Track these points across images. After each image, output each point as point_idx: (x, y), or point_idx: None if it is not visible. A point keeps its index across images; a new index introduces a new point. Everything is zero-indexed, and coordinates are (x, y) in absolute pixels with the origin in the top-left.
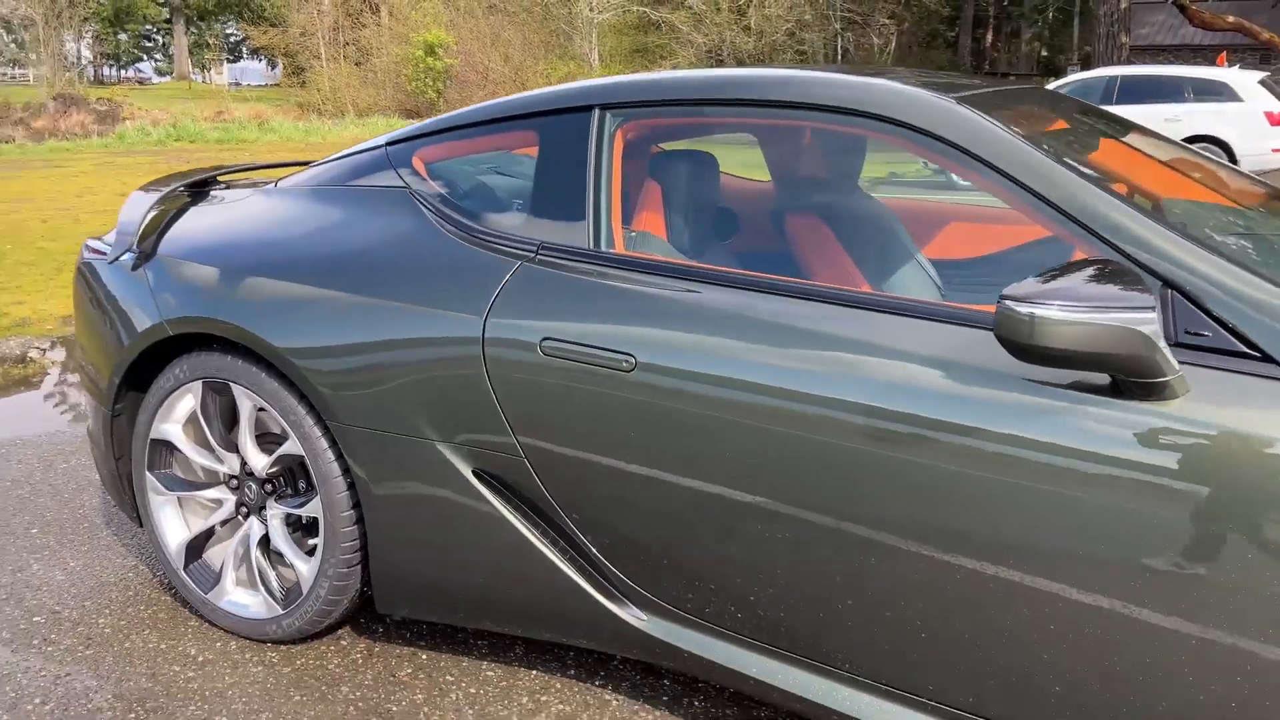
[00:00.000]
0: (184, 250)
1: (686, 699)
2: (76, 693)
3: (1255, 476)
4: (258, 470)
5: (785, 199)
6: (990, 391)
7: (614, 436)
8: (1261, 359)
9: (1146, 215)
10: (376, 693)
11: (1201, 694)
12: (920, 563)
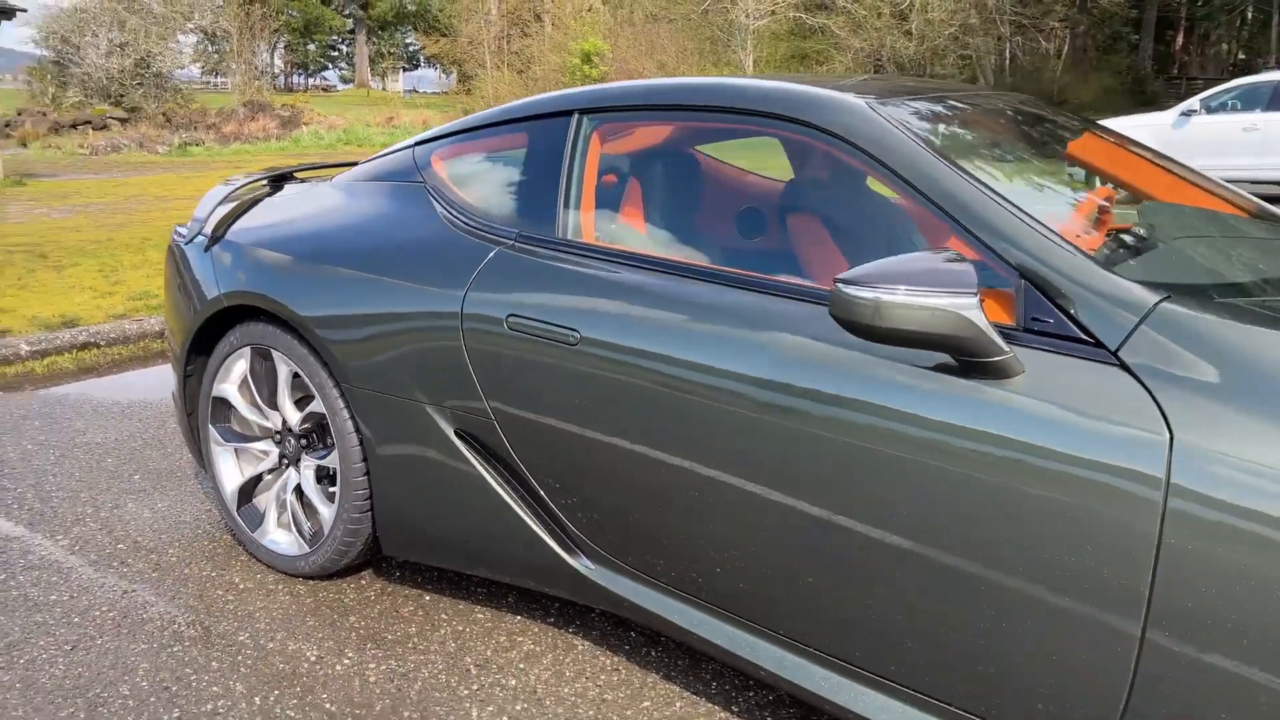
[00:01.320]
0: (242, 234)
1: (646, 649)
2: (136, 604)
3: (1078, 451)
4: (293, 425)
5: (739, 194)
6: (858, 365)
7: (563, 403)
8: (1095, 344)
9: (1010, 213)
10: (378, 623)
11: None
12: (803, 520)
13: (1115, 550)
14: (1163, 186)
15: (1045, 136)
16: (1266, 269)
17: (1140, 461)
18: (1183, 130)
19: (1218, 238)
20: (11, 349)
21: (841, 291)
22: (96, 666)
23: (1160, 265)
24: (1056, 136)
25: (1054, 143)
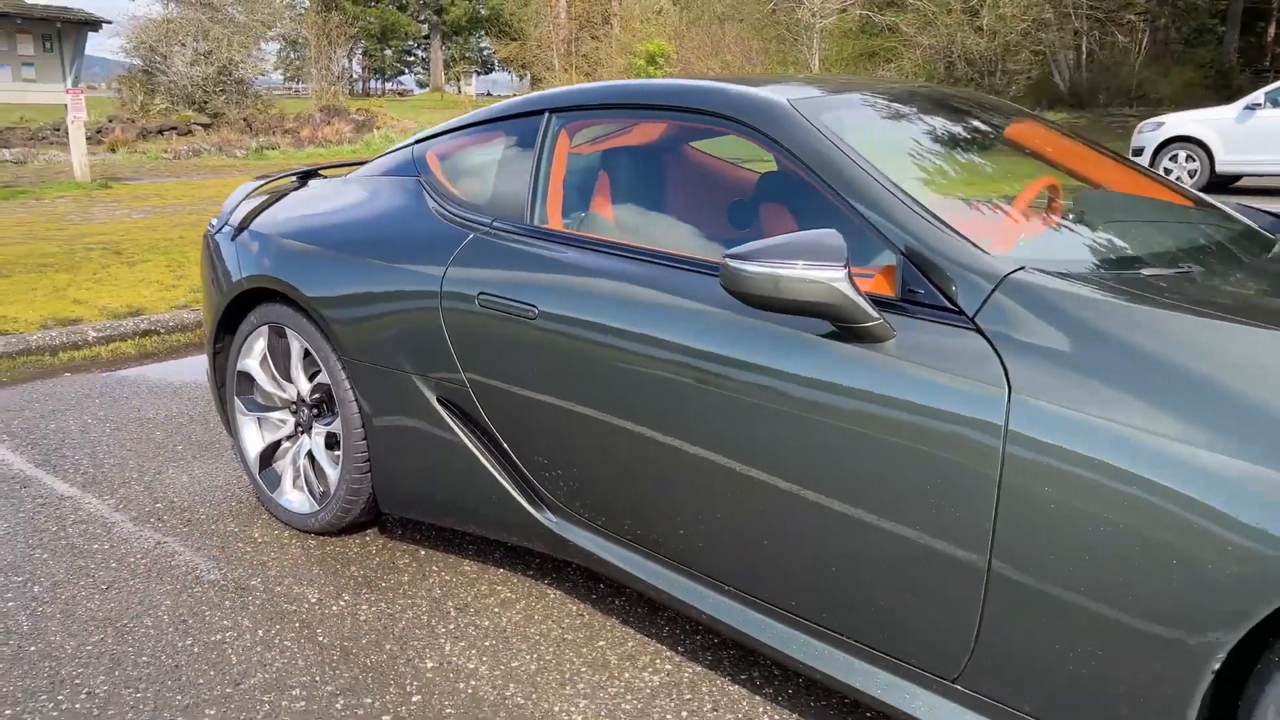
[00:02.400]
0: (264, 225)
1: (610, 599)
2: (166, 554)
3: (937, 408)
4: (305, 396)
5: (686, 183)
6: (760, 332)
7: (525, 371)
8: (957, 311)
9: (896, 197)
10: (375, 572)
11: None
12: (714, 470)
13: (966, 491)
14: (1102, 174)
15: (980, 127)
16: (1152, 248)
17: (983, 412)
18: (1246, 124)
19: (1130, 221)
20: (80, 335)
21: (729, 265)
22: (126, 603)
23: (1049, 244)
24: (995, 126)
25: (991, 133)
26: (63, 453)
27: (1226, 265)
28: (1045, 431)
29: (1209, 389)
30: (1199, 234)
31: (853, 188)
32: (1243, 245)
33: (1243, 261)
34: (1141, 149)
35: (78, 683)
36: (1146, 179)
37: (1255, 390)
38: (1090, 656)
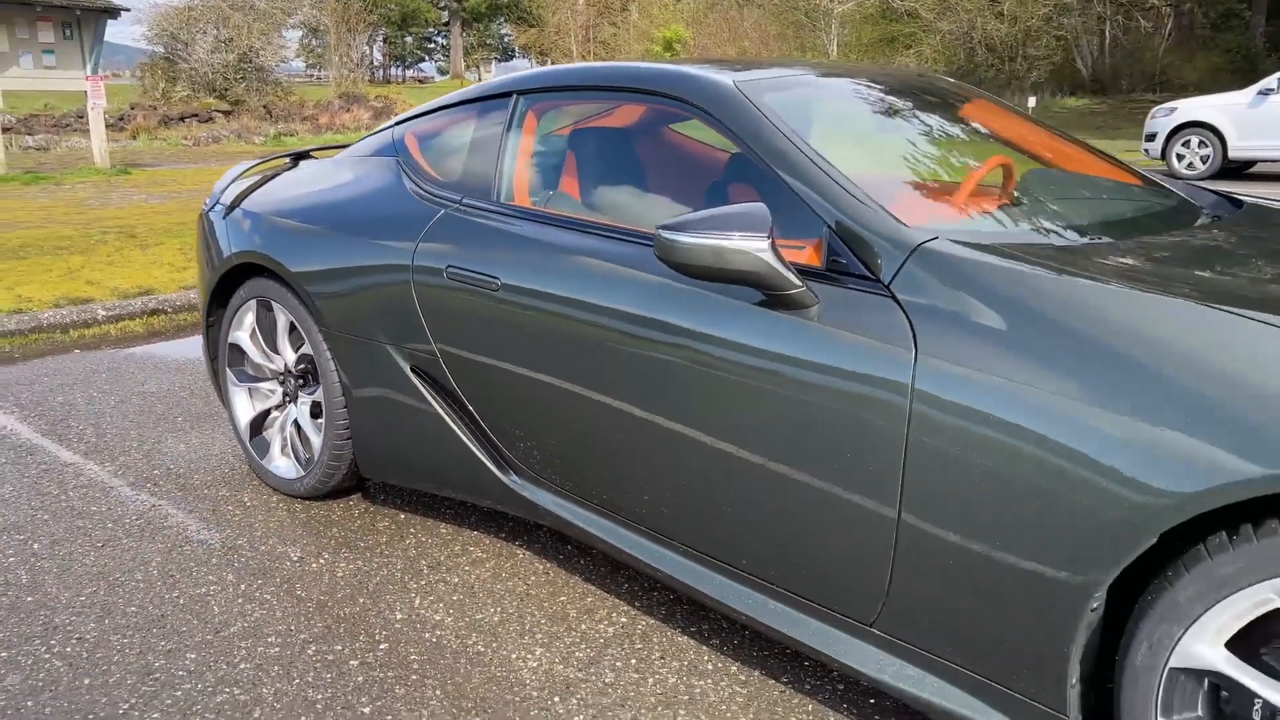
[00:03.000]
0: (254, 203)
1: (576, 559)
2: (159, 516)
3: (853, 370)
4: (291, 367)
5: (647, 163)
6: (696, 299)
7: (489, 341)
8: (875, 279)
9: (825, 173)
10: (355, 534)
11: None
12: (660, 432)
13: (877, 448)
14: (1050, 152)
15: (930, 108)
16: (1074, 221)
17: (893, 373)
18: (1259, 110)
19: (1061, 197)
20: (90, 314)
21: (661, 236)
22: (119, 559)
23: (975, 217)
24: (946, 107)
25: (941, 113)
26: (68, 423)
27: (1142, 237)
28: (947, 390)
29: (1095, 349)
30: (1128, 209)
31: (787, 165)
32: (1168, 220)
33: (1161, 234)
34: (1154, 135)
35: (69, 629)
36: (1093, 157)
37: (1135, 350)
38: (988, 600)
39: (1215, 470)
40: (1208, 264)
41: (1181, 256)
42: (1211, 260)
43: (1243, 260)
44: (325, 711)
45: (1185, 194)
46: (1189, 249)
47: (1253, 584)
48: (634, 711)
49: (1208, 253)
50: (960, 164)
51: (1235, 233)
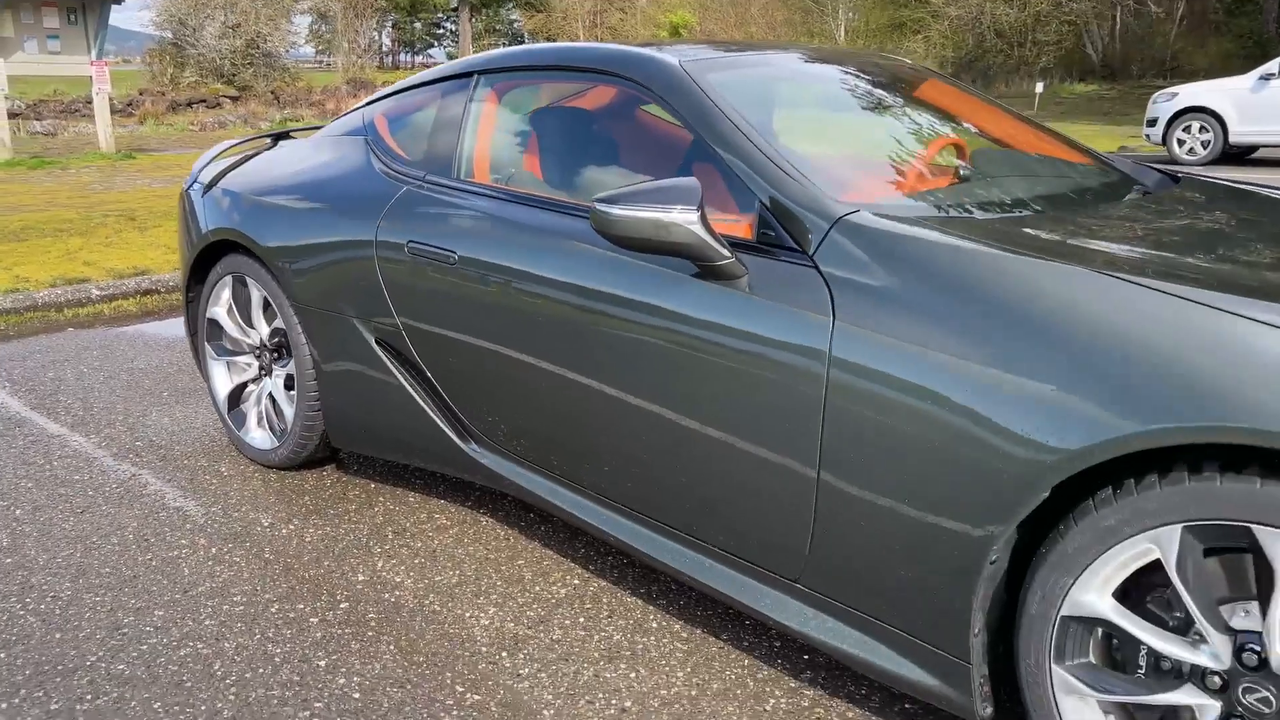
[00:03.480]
0: (231, 182)
1: (537, 525)
2: (139, 484)
3: (776, 338)
4: (265, 341)
5: (595, 137)
6: (635, 270)
7: (447, 313)
8: (800, 251)
9: (759, 151)
10: (325, 502)
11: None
12: (604, 399)
13: (798, 411)
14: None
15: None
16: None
17: (812, 340)
18: (1260, 94)
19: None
20: (85, 293)
21: (596, 210)
22: (97, 524)
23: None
24: (899, 88)
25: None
26: (57, 397)
27: (1066, 211)
28: (860, 356)
29: (995, 316)
30: (1063, 185)
31: (724, 142)
32: (1098, 195)
33: (1085, 208)
34: (1155, 120)
35: (45, 588)
36: (1045, 137)
37: (1032, 315)
38: (898, 555)
39: (1099, 427)
40: (1115, 235)
41: (1095, 228)
42: (1120, 231)
43: (1148, 230)
44: (282, 664)
45: (1130, 172)
46: (1105, 221)
47: (1134, 535)
48: (577, 665)
49: (1120, 224)
50: (906, 143)
51: (1155, 206)
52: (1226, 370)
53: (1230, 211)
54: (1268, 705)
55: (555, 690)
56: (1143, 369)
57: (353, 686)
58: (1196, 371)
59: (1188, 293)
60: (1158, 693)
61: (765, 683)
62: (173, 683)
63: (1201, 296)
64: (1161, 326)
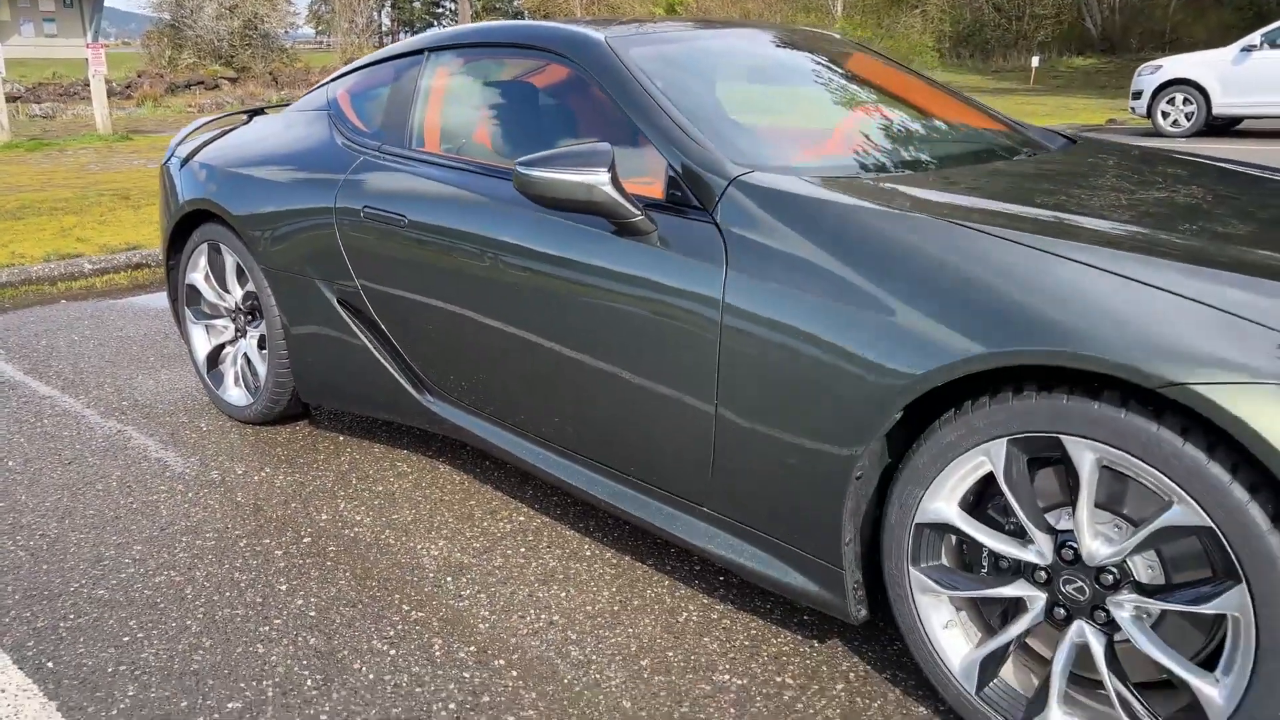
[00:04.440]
0: (206, 155)
1: (493, 471)
2: (123, 439)
3: (679, 286)
4: (239, 303)
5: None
6: (559, 228)
7: (399, 273)
8: (701, 208)
9: (669, 118)
10: (296, 452)
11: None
12: (537, 348)
13: (698, 351)
14: (915, 98)
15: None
16: (896, 158)
17: (708, 288)
18: (1242, 66)
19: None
20: (78, 267)
21: (518, 172)
22: (83, 474)
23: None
24: (825, 60)
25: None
26: (49, 363)
27: (952, 170)
28: (748, 300)
29: (859, 260)
30: (961, 147)
31: (640, 111)
32: (991, 155)
33: (971, 167)
34: (1140, 92)
35: (34, 528)
36: (963, 105)
37: (890, 258)
38: (782, 476)
39: (938, 354)
40: (978, 189)
41: (965, 185)
42: (985, 186)
43: (1010, 184)
44: (247, 589)
45: (1037, 136)
46: (978, 178)
47: (969, 450)
48: (514, 587)
49: (989, 180)
50: (814, 110)
51: (1032, 164)
52: (1042, 303)
53: (1100, 166)
54: (1081, 594)
55: (492, 608)
56: (974, 304)
57: (310, 606)
58: (1018, 305)
59: (1017, 237)
60: (996, 587)
61: (681, 599)
62: (147, 604)
63: (1028, 240)
64: (991, 267)
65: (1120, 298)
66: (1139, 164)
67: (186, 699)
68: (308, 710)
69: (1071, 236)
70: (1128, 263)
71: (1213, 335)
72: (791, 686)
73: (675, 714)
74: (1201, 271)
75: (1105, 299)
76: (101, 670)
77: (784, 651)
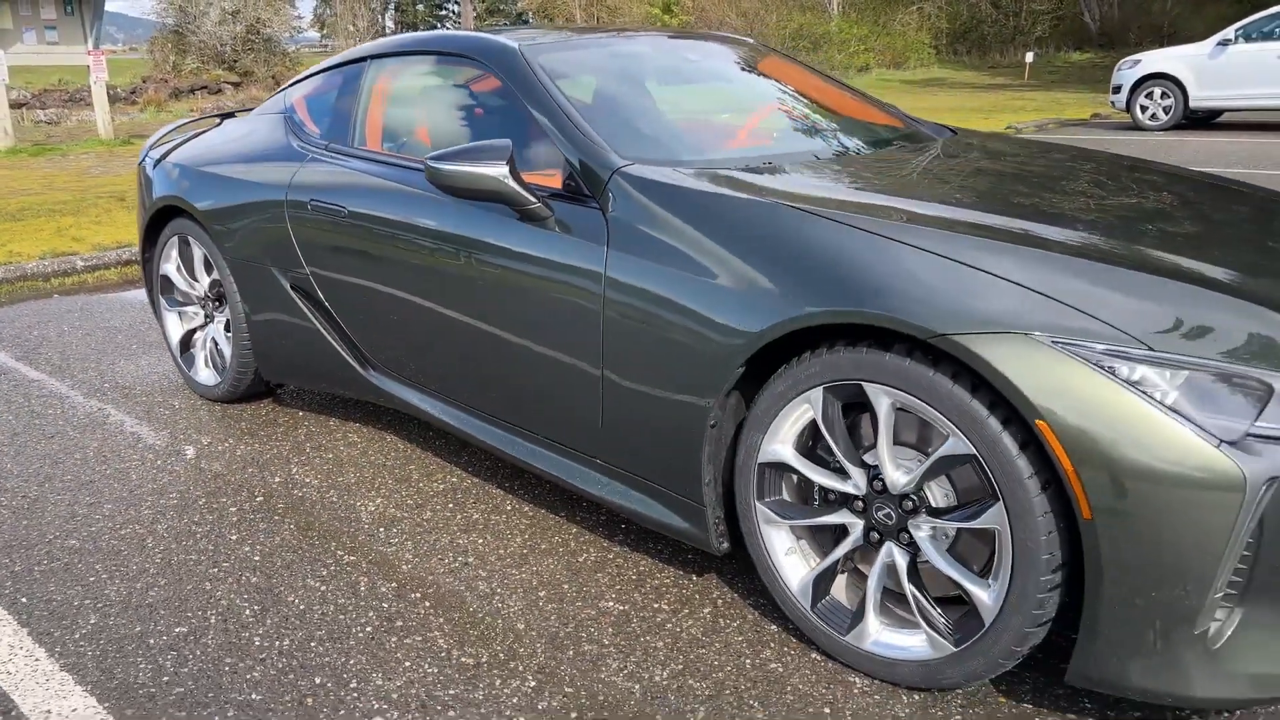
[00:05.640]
0: (177, 154)
1: (435, 440)
2: (102, 415)
3: (570, 264)
4: (207, 291)
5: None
6: (475, 214)
7: (342, 260)
8: (591, 196)
9: (567, 119)
10: (258, 426)
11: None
12: (452, 322)
13: (586, 321)
14: (815, 96)
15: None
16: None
17: (593, 264)
18: (1218, 60)
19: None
20: (70, 264)
21: (428, 165)
22: (64, 446)
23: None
24: (734, 64)
25: (727, 68)
26: (40, 351)
27: (822, 160)
28: (623, 274)
29: (712, 236)
30: (842, 142)
31: (544, 111)
32: (868, 146)
33: (840, 158)
34: (1120, 87)
35: (16, 491)
36: (864, 103)
37: (738, 237)
38: (654, 427)
39: (767, 315)
40: (832, 178)
41: (821, 173)
42: (839, 174)
43: (862, 173)
44: (201, 539)
45: (929, 131)
46: (838, 167)
47: (795, 398)
48: (438, 535)
49: (845, 170)
50: (704, 108)
51: (896, 155)
52: (846, 271)
53: (950, 155)
54: (890, 519)
55: (416, 552)
56: (796, 274)
57: (255, 552)
58: (829, 274)
59: (836, 216)
60: (823, 516)
61: (584, 544)
62: (112, 552)
63: (842, 218)
64: (810, 243)
65: (907, 265)
66: (986, 153)
67: (140, 625)
68: (243, 633)
69: (882, 215)
70: (919, 236)
71: (976, 295)
72: (665, 611)
73: (561, 633)
74: (980, 242)
75: (895, 267)
76: (69, 604)
77: (665, 584)
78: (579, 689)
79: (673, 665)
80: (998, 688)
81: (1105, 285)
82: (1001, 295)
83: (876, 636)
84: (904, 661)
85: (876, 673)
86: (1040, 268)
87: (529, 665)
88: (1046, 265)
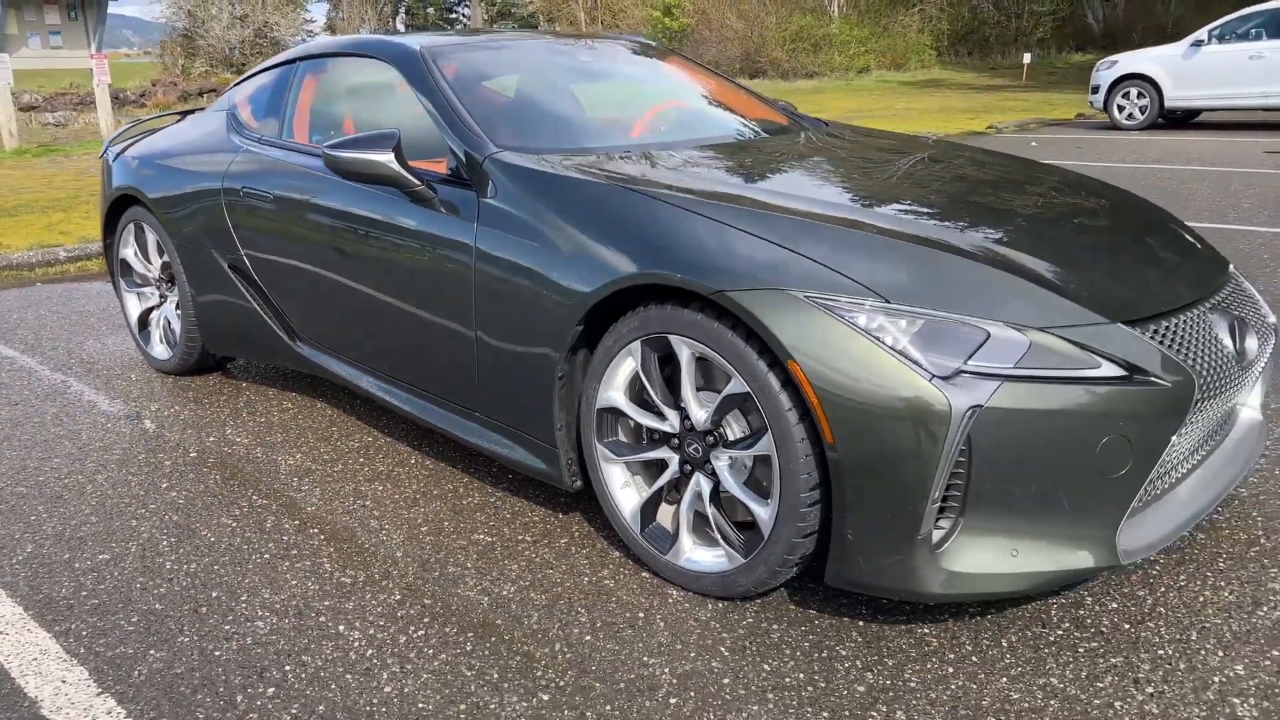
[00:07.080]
0: (135, 148)
1: (361, 407)
2: (66, 387)
3: (448, 238)
4: (159, 273)
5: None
6: (378, 197)
7: (269, 241)
8: (468, 180)
9: (456, 114)
10: (203, 395)
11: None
12: (359, 295)
13: (461, 289)
14: (717, 97)
15: (613, 64)
16: (658, 142)
17: (465, 238)
18: (1192, 60)
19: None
20: (54, 255)
21: (326, 152)
22: (25, 412)
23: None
24: (631, 63)
25: (622, 67)
26: (16, 331)
27: (686, 151)
28: (490, 246)
29: (561, 213)
30: (716, 134)
31: (437, 107)
32: (745, 138)
33: (706, 149)
34: (1098, 87)
35: None
36: (755, 101)
37: (587, 215)
38: (515, 379)
39: (596, 278)
40: (672, 164)
41: (675, 164)
42: (683, 162)
43: (713, 162)
44: (136, 487)
45: (808, 125)
46: (686, 155)
47: (621, 350)
48: (345, 484)
49: (692, 158)
50: (588, 104)
51: (757, 146)
52: (654, 239)
53: (795, 143)
54: (697, 452)
55: (322, 497)
56: (620, 243)
57: (180, 496)
58: (642, 242)
59: (655, 194)
60: (648, 453)
61: (471, 490)
62: (54, 497)
63: (661, 195)
64: (632, 217)
65: (699, 233)
66: (842, 144)
67: (69, 553)
68: (158, 559)
69: (692, 193)
70: (718, 209)
71: (748, 259)
72: (527, 541)
73: (433, 559)
74: (766, 215)
75: (689, 235)
76: (9, 538)
77: (534, 521)
78: (435, 599)
79: (521, 582)
80: (792, 598)
81: (860, 250)
82: (770, 258)
83: (689, 554)
84: (708, 574)
85: (689, 585)
86: (808, 236)
87: (398, 583)
88: (814, 234)
